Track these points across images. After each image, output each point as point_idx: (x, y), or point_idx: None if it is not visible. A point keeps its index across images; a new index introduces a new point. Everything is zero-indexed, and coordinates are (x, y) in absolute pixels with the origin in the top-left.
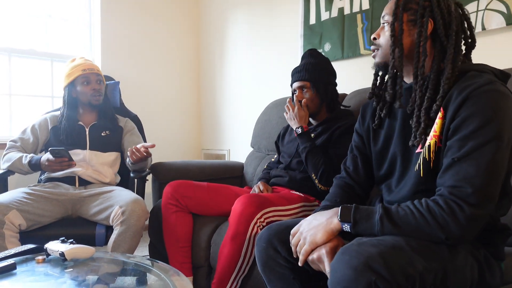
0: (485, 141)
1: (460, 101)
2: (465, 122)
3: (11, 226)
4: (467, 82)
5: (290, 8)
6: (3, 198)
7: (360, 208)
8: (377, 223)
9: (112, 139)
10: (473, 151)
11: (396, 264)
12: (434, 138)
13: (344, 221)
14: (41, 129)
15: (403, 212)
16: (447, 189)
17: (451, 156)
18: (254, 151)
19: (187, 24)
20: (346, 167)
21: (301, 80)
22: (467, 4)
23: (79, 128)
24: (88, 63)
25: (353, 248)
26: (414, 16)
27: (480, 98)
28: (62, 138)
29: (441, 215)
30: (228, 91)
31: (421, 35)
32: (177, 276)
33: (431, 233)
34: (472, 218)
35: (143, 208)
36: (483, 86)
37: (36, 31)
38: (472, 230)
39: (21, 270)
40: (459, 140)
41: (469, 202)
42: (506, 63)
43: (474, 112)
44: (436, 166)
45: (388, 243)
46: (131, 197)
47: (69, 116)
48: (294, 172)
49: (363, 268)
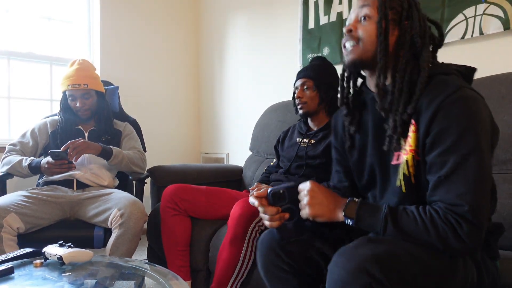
0: (467, 153)
1: (431, 114)
2: (442, 136)
3: (9, 229)
4: (435, 91)
5: (289, 13)
6: (1, 201)
7: (366, 203)
8: (382, 221)
9: (111, 143)
10: (458, 165)
11: (392, 268)
12: (411, 153)
13: (348, 216)
14: (40, 133)
15: (406, 216)
16: (444, 204)
17: (436, 173)
18: (253, 155)
19: (186, 29)
20: (334, 185)
21: (304, 77)
22: (465, 8)
23: (77, 132)
24: (76, 76)
25: (350, 251)
26: (396, 16)
27: (451, 109)
28: (59, 142)
29: (443, 227)
30: (227, 94)
31: (405, 37)
32: (175, 280)
33: (430, 242)
34: (471, 235)
35: (141, 210)
36: (452, 95)
37: (35, 34)
38: (474, 245)
39: (19, 274)
40: (440, 155)
41: (467, 219)
42: (503, 68)
43: (449, 125)
44: (418, 180)
45: (386, 246)
46: (129, 199)
47: (67, 120)
48: (294, 177)
49: (359, 271)
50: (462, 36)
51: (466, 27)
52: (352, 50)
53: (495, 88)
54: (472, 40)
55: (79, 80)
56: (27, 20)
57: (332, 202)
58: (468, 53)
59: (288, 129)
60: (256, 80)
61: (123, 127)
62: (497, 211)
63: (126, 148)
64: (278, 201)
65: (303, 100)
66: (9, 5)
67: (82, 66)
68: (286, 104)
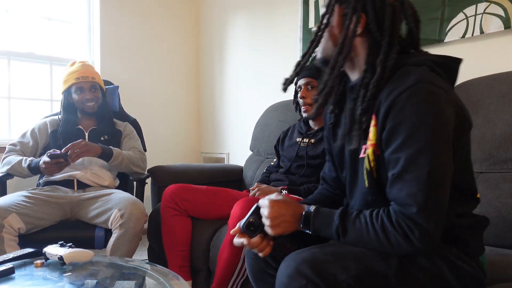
0: (417, 151)
1: (385, 109)
2: (394, 133)
3: (10, 229)
4: (395, 83)
5: (289, 12)
6: (2, 202)
7: (319, 214)
8: (334, 234)
9: (111, 143)
10: (409, 164)
11: (326, 269)
12: (372, 147)
13: (306, 228)
14: (40, 133)
15: (359, 225)
16: (396, 206)
17: (391, 171)
18: (253, 155)
19: (186, 28)
20: (322, 175)
21: (308, 77)
22: (466, 7)
23: (78, 132)
24: (83, 69)
25: (292, 256)
26: (348, 10)
27: (404, 105)
28: (60, 143)
29: (394, 235)
30: (227, 94)
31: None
32: (176, 280)
33: (382, 248)
34: (422, 239)
35: (142, 210)
36: (408, 89)
37: (35, 35)
38: (428, 245)
39: (20, 274)
40: (393, 153)
41: (416, 222)
42: (504, 67)
43: (400, 121)
44: (380, 174)
45: (328, 249)
46: (130, 200)
47: (68, 120)
48: (294, 177)
49: (295, 274)
50: (463, 35)
51: (467, 26)
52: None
53: (495, 87)
54: (473, 39)
55: (87, 73)
56: (27, 20)
57: (291, 215)
58: (468, 52)
59: (288, 129)
60: (257, 79)
61: (123, 127)
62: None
63: (127, 148)
64: (256, 228)
65: (307, 101)
66: (9, 5)
67: (85, 64)
68: (286, 104)
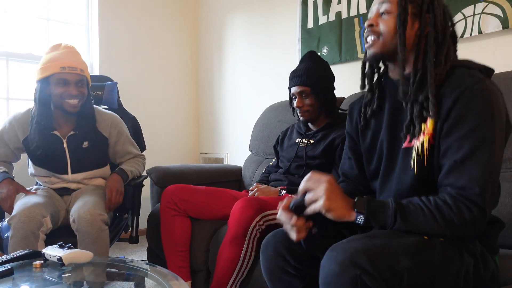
0: (483, 140)
1: (452, 100)
2: (460, 122)
3: (45, 229)
4: (457, 80)
5: (288, 12)
6: (38, 199)
7: (374, 200)
8: (391, 217)
9: (95, 153)
10: (474, 151)
11: (381, 260)
12: (427, 136)
13: (360, 212)
14: (11, 141)
15: (413, 208)
16: (455, 189)
17: (452, 157)
18: (253, 155)
19: (185, 28)
20: (344, 171)
21: (301, 85)
22: (464, 7)
23: (54, 139)
24: (71, 58)
25: (341, 245)
26: (416, 10)
27: (472, 98)
28: (40, 154)
29: (449, 214)
30: (226, 94)
31: (425, 29)
32: (175, 281)
33: (437, 230)
34: (477, 219)
35: (91, 212)
36: (474, 85)
37: (34, 35)
38: (481, 227)
39: (19, 275)
40: (457, 140)
41: (477, 203)
42: (502, 67)
43: (468, 112)
44: (430, 164)
45: (378, 241)
46: (82, 202)
47: (41, 124)
48: (294, 177)
49: (348, 263)
50: (461, 35)
51: (465, 26)
52: (373, 44)
53: None
54: (471, 39)
55: (75, 63)
56: (26, 21)
57: (346, 200)
58: (467, 52)
59: (287, 129)
60: (255, 80)
61: (108, 130)
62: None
63: (121, 154)
64: (302, 210)
65: (304, 109)
66: (7, 6)
67: (73, 50)
68: (286, 104)
